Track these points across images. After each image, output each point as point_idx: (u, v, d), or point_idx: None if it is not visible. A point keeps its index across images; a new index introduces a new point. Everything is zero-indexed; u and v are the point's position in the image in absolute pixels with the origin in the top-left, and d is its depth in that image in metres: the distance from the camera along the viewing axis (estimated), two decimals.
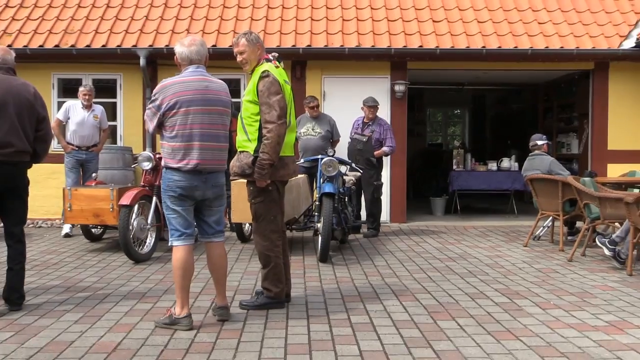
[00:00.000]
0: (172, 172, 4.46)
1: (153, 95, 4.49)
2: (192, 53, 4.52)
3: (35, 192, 10.22)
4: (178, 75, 4.53)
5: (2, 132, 4.83)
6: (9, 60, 5.06)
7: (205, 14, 10.61)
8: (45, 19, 10.52)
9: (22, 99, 4.95)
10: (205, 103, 4.46)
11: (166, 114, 4.41)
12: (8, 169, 4.91)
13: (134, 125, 10.37)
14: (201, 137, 4.44)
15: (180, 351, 4.00)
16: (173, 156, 4.44)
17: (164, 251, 7.55)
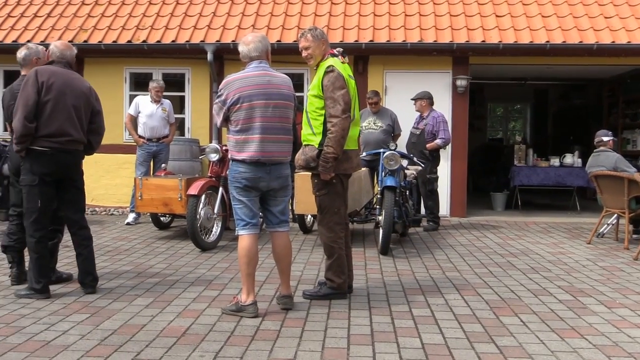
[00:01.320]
0: (238, 164, 4.63)
1: (219, 90, 4.69)
2: (251, 51, 4.69)
3: (107, 181, 10.74)
4: (241, 71, 4.70)
5: (59, 122, 5.08)
6: (67, 56, 5.30)
7: (270, 10, 10.80)
8: (119, 15, 10.91)
9: (78, 92, 5.22)
10: (266, 97, 4.61)
11: (231, 108, 4.59)
12: (64, 157, 5.16)
13: (201, 118, 10.68)
14: (263, 130, 4.59)
15: (246, 338, 4.16)
16: (238, 149, 4.62)
17: (229, 240, 7.78)
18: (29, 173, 5.10)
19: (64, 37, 10.47)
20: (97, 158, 10.69)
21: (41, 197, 5.10)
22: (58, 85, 5.09)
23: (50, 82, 5.05)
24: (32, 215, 5.10)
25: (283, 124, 4.71)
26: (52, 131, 5.06)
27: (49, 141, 5.06)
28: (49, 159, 5.08)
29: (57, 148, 5.09)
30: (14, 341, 4.04)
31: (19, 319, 4.53)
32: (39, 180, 5.08)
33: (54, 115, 5.06)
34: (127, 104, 10.56)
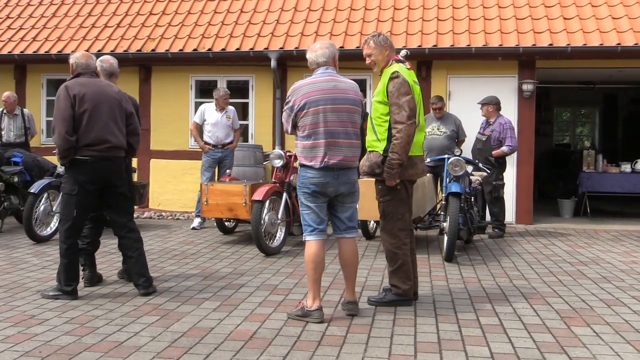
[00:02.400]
0: (306, 169, 4.66)
1: (287, 97, 4.72)
2: (318, 57, 4.72)
3: (173, 186, 10.99)
4: (308, 77, 4.74)
5: (96, 130, 5.24)
6: (91, 65, 5.45)
7: (333, 17, 10.85)
8: (185, 24, 11.17)
9: (111, 98, 5.37)
10: (333, 102, 4.63)
11: (298, 114, 4.63)
12: (105, 164, 5.31)
13: (264, 124, 10.81)
14: (330, 135, 4.61)
15: (313, 343, 4.18)
16: (305, 154, 4.65)
17: (292, 245, 7.84)
18: (70, 182, 5.28)
19: (132, 46, 10.81)
20: (164, 164, 11.05)
21: (77, 207, 5.24)
22: (90, 95, 5.25)
23: (82, 94, 5.21)
24: (66, 223, 5.27)
25: (349, 129, 4.71)
26: (91, 140, 5.22)
27: (89, 150, 5.22)
28: (90, 167, 5.23)
29: (98, 156, 5.25)
30: (89, 341, 4.18)
31: (93, 319, 4.67)
32: (79, 190, 5.23)
33: (91, 125, 5.22)
34: (193, 111, 10.78)
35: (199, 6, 11.52)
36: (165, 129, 11.06)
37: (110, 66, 5.82)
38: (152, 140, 11.13)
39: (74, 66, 5.43)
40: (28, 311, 4.89)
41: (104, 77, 5.78)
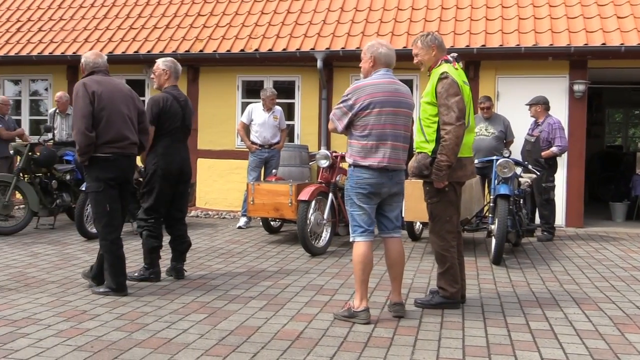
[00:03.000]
0: (362, 169, 4.64)
1: (345, 95, 4.68)
2: (386, 56, 4.71)
3: (220, 185, 11.10)
4: (370, 78, 4.71)
5: (116, 127, 5.32)
6: (100, 64, 5.49)
7: (379, 17, 10.80)
8: (232, 25, 11.27)
9: (125, 95, 5.47)
10: (395, 105, 4.63)
11: (359, 113, 4.60)
12: (125, 161, 5.43)
13: (310, 124, 10.84)
14: (391, 136, 4.62)
15: (360, 344, 4.16)
16: (364, 154, 4.62)
17: (337, 246, 7.84)
18: (94, 180, 5.34)
19: (181, 47, 10.95)
20: (211, 163, 11.17)
21: (109, 201, 5.34)
22: (107, 92, 5.33)
23: (100, 91, 5.28)
24: (102, 220, 5.36)
25: (405, 132, 4.74)
26: (112, 137, 5.30)
27: (110, 147, 5.30)
28: (112, 164, 5.32)
29: (119, 153, 5.35)
30: (139, 337, 4.24)
31: (142, 316, 4.74)
32: (105, 186, 5.32)
33: (110, 122, 5.29)
34: (240, 111, 10.88)
35: (246, 7, 11.62)
36: (213, 129, 11.18)
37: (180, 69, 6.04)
38: (199, 140, 11.26)
39: (83, 65, 5.53)
40: (80, 306, 4.99)
41: (174, 80, 5.96)
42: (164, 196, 5.90)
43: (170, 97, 5.87)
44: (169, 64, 5.95)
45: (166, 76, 5.95)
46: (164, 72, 5.94)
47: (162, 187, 5.84)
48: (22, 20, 12.61)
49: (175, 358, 3.86)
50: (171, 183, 5.90)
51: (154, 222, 5.89)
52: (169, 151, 5.85)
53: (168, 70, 5.94)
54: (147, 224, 5.87)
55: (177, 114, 5.88)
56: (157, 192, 5.85)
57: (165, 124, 5.83)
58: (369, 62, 4.76)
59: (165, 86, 5.97)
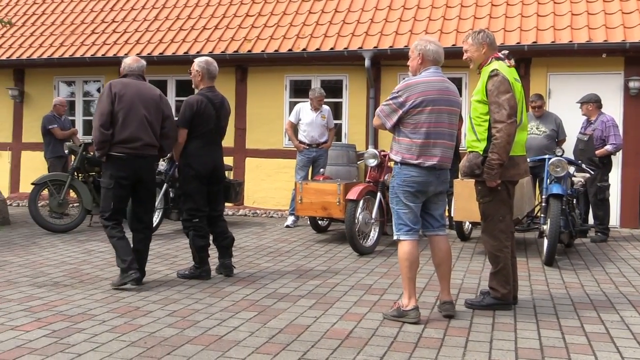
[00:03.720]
0: (410, 168, 4.60)
1: (395, 92, 4.64)
2: (435, 53, 4.67)
3: (268, 185, 11.18)
4: (420, 75, 4.67)
5: (132, 128, 5.53)
6: (135, 68, 5.77)
7: (428, 15, 10.71)
8: (280, 25, 11.34)
9: (148, 100, 5.66)
10: (446, 103, 4.61)
11: (410, 111, 4.57)
12: (139, 161, 5.61)
13: (358, 123, 10.82)
14: (441, 135, 4.59)
15: (410, 344, 4.13)
16: (412, 152, 4.59)
17: (385, 245, 7.80)
18: (107, 177, 5.63)
19: (229, 47, 11.06)
20: (259, 162, 11.25)
21: (114, 200, 5.61)
22: (129, 95, 5.56)
23: (122, 93, 5.53)
24: (105, 214, 5.66)
25: (453, 130, 4.72)
26: (125, 137, 5.52)
27: (124, 147, 5.53)
28: (125, 163, 5.55)
29: (132, 153, 5.56)
30: (190, 334, 4.30)
31: (193, 313, 4.81)
32: (115, 184, 5.57)
33: (126, 123, 5.53)
34: (287, 111, 10.93)
35: (294, 7, 11.67)
36: (260, 129, 11.27)
37: (215, 69, 6.09)
38: (247, 140, 11.36)
39: (121, 68, 5.85)
40: (133, 303, 5.09)
41: (208, 80, 6.03)
42: (203, 194, 5.99)
43: (205, 99, 5.94)
44: (202, 65, 5.99)
45: (199, 77, 6.02)
46: (198, 73, 6.01)
47: (198, 187, 5.95)
48: (76, 23, 12.92)
49: (226, 355, 3.90)
50: (204, 184, 5.99)
51: (198, 222, 5.98)
52: (201, 152, 5.93)
53: (201, 71, 5.99)
54: (192, 224, 5.97)
55: (211, 116, 5.95)
56: (194, 192, 5.95)
57: (199, 127, 5.90)
58: (417, 60, 4.72)
59: (200, 87, 6.05)
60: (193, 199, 5.96)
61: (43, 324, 4.48)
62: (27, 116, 12.79)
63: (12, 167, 12.95)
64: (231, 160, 11.13)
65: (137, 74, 5.77)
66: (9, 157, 12.93)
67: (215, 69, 6.06)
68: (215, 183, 6.10)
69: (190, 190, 5.96)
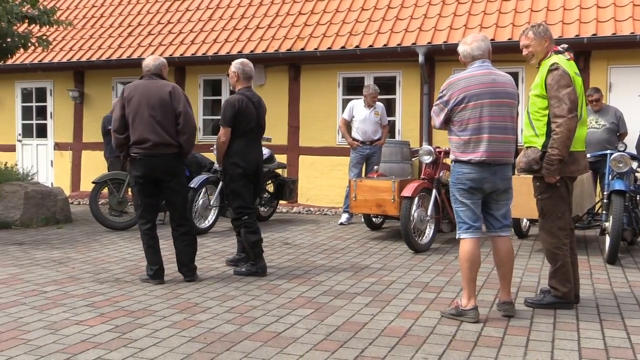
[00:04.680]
0: (462, 165, 4.55)
1: (441, 92, 4.61)
2: (474, 50, 4.58)
3: (321, 182, 11.21)
4: (464, 71, 4.61)
5: (139, 130, 5.68)
6: (151, 67, 5.85)
7: (482, 9, 10.55)
8: (333, 23, 11.34)
9: (155, 99, 5.69)
10: (493, 96, 4.50)
11: (454, 109, 4.52)
12: (152, 160, 5.72)
13: (411, 120, 10.74)
14: (490, 129, 4.48)
15: (469, 343, 4.08)
16: (462, 149, 4.54)
17: (441, 243, 7.73)
18: (130, 176, 5.93)
19: (282, 46, 11.12)
20: (313, 160, 11.29)
21: (141, 195, 5.81)
22: (136, 98, 5.70)
23: (130, 97, 5.71)
24: (138, 210, 5.87)
25: (508, 123, 4.58)
26: (136, 139, 5.71)
27: (137, 148, 5.72)
28: (139, 163, 5.73)
29: (144, 153, 5.71)
30: (249, 330, 4.35)
31: (251, 310, 4.86)
32: (136, 182, 5.81)
33: (135, 125, 5.70)
34: (341, 108, 10.94)
35: (347, 4, 11.65)
36: (314, 126, 11.30)
37: (251, 70, 6.19)
38: (300, 137, 11.42)
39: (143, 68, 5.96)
40: (192, 299, 5.17)
41: (245, 81, 6.15)
42: (250, 191, 6.12)
43: (245, 98, 6.04)
44: (238, 66, 6.11)
45: (236, 78, 6.13)
46: (234, 74, 6.12)
47: (245, 184, 6.05)
48: (133, 25, 13.21)
49: (284, 352, 3.93)
50: (250, 181, 6.09)
51: (248, 219, 6.07)
52: (246, 150, 6.03)
53: (237, 72, 6.10)
54: (242, 222, 6.07)
55: (252, 114, 6.06)
56: (242, 190, 6.05)
57: (242, 125, 6.00)
58: (462, 60, 4.70)
59: (238, 88, 6.16)
60: (242, 197, 6.05)
61: (106, 319, 4.61)
62: (87, 117, 13.15)
63: (73, 167, 13.34)
64: (284, 158, 11.21)
65: (153, 72, 5.85)
66: (70, 157, 13.32)
67: (250, 69, 6.16)
68: (257, 182, 6.24)
69: (238, 189, 6.04)
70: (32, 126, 13.94)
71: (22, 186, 9.43)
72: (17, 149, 13.94)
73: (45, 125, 13.76)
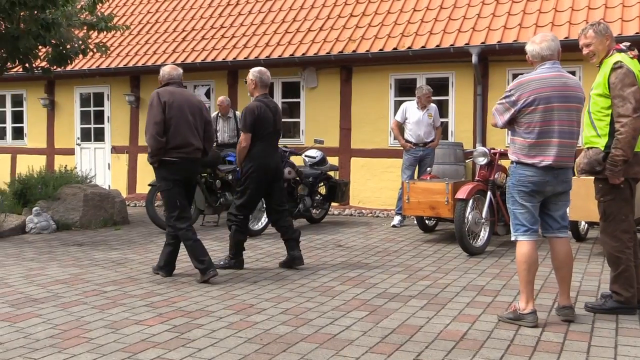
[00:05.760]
0: (525, 167, 4.46)
1: (508, 91, 4.52)
2: (543, 50, 4.47)
3: (373, 184, 11.18)
4: (534, 72, 4.50)
5: (183, 134, 5.92)
6: (174, 76, 6.11)
7: (538, 7, 10.35)
8: (384, 24, 11.30)
9: (194, 106, 6.07)
10: (563, 100, 4.39)
11: (522, 110, 4.42)
12: (190, 164, 6.05)
13: (464, 121, 10.62)
14: (560, 134, 4.39)
15: (528, 348, 4.00)
16: (526, 152, 4.44)
17: (496, 245, 7.61)
18: (164, 180, 6.01)
19: (334, 48, 11.14)
20: (364, 162, 11.27)
21: (178, 197, 6.00)
22: (178, 103, 5.93)
23: (171, 101, 5.89)
24: (174, 213, 5.99)
25: (575, 128, 4.49)
26: (179, 143, 5.89)
27: (177, 152, 5.91)
28: (178, 167, 5.94)
29: (184, 157, 5.96)
30: (304, 332, 4.36)
31: (306, 312, 4.87)
32: (173, 185, 5.97)
33: (178, 129, 5.89)
34: (392, 110, 10.89)
35: (398, 5, 11.60)
36: (365, 128, 11.28)
37: (268, 78, 6.47)
38: (352, 139, 11.41)
39: (160, 77, 6.17)
40: (247, 300, 5.22)
41: (262, 88, 6.42)
42: (257, 195, 6.49)
43: (263, 105, 6.35)
44: (255, 74, 6.40)
45: (253, 85, 6.43)
46: (252, 82, 6.42)
47: (257, 187, 6.37)
48: (187, 30, 13.44)
49: (340, 354, 3.92)
50: (268, 181, 6.42)
51: (243, 219, 6.44)
52: (265, 154, 6.35)
53: (255, 79, 6.40)
54: (237, 219, 6.40)
55: (270, 120, 6.36)
56: (251, 191, 6.38)
57: (260, 130, 6.30)
58: (529, 60, 4.58)
59: (255, 95, 6.44)
60: (249, 197, 6.39)
61: (164, 319, 4.69)
62: (143, 120, 13.33)
63: (129, 169, 13.64)
64: (336, 161, 11.22)
65: (178, 81, 6.13)
66: (127, 160, 13.63)
67: (267, 78, 6.45)
68: (277, 180, 6.54)
69: (250, 189, 6.37)
70: (90, 130, 14.32)
71: (82, 189, 9.69)
72: (75, 153, 14.34)
73: (103, 129, 14.11)
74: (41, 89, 14.62)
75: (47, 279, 6.07)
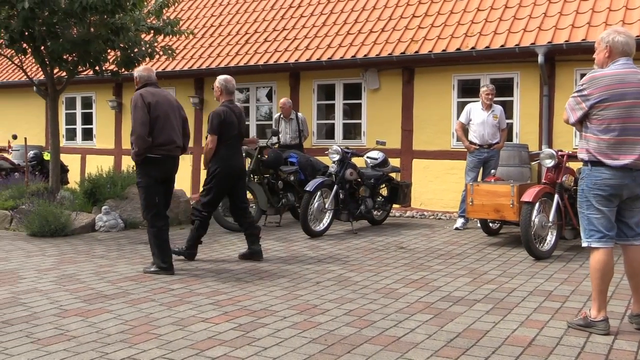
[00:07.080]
0: (601, 169, 4.30)
1: (580, 85, 4.37)
2: (625, 45, 4.32)
3: (435, 186, 11.07)
4: (608, 68, 4.36)
5: (167, 132, 6.24)
6: (152, 77, 6.46)
7: (607, 5, 10.03)
8: (447, 24, 11.16)
9: (174, 106, 6.44)
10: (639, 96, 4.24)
11: (596, 106, 4.28)
12: (171, 161, 6.40)
13: (530, 122, 10.39)
14: (635, 132, 4.23)
15: (600, 356, 3.89)
16: (603, 150, 4.28)
17: (564, 250, 7.43)
18: (145, 176, 6.26)
19: (396, 49, 11.07)
20: (426, 164, 11.17)
21: (157, 195, 6.31)
22: (161, 103, 6.26)
23: (154, 102, 6.20)
24: (152, 210, 6.29)
25: None
26: (163, 141, 6.21)
27: (161, 149, 6.21)
28: (162, 163, 6.26)
29: (167, 154, 6.28)
30: (368, 334, 4.35)
31: (369, 313, 4.86)
32: (154, 182, 6.26)
33: (163, 128, 6.21)
34: (455, 111, 10.76)
35: (462, 5, 11.44)
36: (428, 130, 11.18)
37: (233, 87, 6.93)
38: (414, 141, 11.32)
39: (137, 79, 6.43)
40: (310, 301, 5.25)
41: (227, 95, 6.87)
42: (222, 194, 6.94)
43: (228, 109, 6.81)
44: (221, 82, 6.88)
45: (219, 92, 6.91)
46: (218, 89, 6.92)
47: (222, 185, 6.82)
48: (250, 33, 13.61)
49: (405, 356, 3.90)
50: (233, 181, 6.85)
51: (207, 216, 6.90)
52: (230, 156, 6.81)
53: (220, 87, 6.88)
54: (201, 216, 6.87)
55: (234, 123, 6.83)
56: (217, 189, 6.84)
57: (226, 133, 6.75)
58: (604, 53, 4.40)
59: (221, 100, 6.91)
60: (215, 195, 6.85)
61: (230, 317, 4.76)
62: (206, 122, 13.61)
63: (193, 170, 13.90)
64: (398, 162, 11.15)
65: (155, 82, 6.45)
66: (191, 161, 13.88)
67: (232, 86, 6.93)
68: (241, 179, 7.00)
69: (217, 189, 6.82)
70: None
71: None
72: None
73: None
74: (109, 92, 15.08)
75: (117, 275, 6.25)
